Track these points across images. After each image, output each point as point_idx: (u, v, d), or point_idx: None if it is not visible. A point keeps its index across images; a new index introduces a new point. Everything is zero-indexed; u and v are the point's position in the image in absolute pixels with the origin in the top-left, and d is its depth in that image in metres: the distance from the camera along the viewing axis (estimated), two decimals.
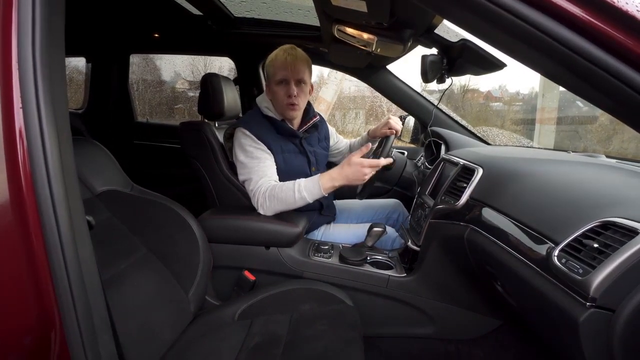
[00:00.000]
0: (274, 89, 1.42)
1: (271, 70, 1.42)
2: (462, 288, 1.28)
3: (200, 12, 1.83)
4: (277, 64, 1.40)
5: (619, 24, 0.45)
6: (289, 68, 1.38)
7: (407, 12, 1.11)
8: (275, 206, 1.32)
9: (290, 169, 1.43)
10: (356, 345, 0.97)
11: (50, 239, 0.56)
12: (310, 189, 1.29)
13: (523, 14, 0.49)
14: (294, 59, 1.39)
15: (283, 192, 1.30)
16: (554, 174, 0.95)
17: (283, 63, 1.38)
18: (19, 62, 0.52)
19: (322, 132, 1.62)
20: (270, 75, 1.42)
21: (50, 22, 0.55)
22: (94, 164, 1.09)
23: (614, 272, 0.57)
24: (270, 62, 1.43)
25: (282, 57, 1.39)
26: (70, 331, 0.57)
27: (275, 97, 1.42)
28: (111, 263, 0.95)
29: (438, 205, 1.23)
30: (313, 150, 1.53)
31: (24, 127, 0.54)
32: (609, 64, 0.46)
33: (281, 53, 1.41)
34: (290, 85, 1.39)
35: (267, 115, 1.45)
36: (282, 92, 1.40)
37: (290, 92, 1.39)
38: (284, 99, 1.40)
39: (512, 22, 0.49)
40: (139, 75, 5.25)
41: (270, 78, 1.43)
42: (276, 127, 1.44)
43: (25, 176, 0.54)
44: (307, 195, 1.29)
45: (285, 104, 1.41)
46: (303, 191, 1.29)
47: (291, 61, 1.38)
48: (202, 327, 1.09)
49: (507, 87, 7.17)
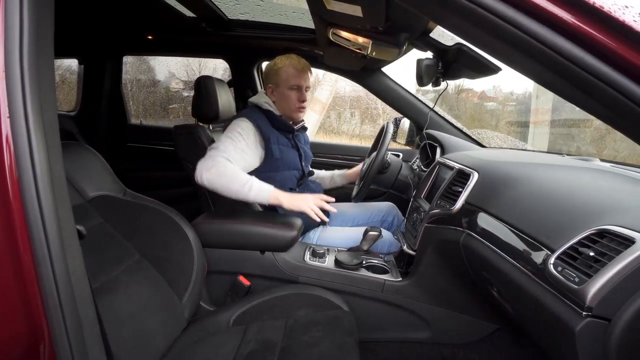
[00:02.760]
0: (285, 92, 1.51)
1: (284, 75, 1.50)
2: (458, 293, 1.28)
3: (193, 14, 1.81)
4: (292, 71, 1.49)
5: (615, 34, 0.45)
6: (303, 76, 1.51)
7: (402, 16, 1.11)
8: (216, 183, 1.30)
9: (284, 157, 1.49)
10: (352, 351, 0.97)
11: (39, 251, 0.54)
12: (260, 191, 1.32)
13: (519, 23, 0.48)
14: (306, 67, 1.53)
15: (232, 176, 1.30)
16: (550, 179, 0.95)
17: (298, 70, 1.50)
18: (5, 70, 0.51)
19: (305, 137, 1.73)
20: (282, 79, 1.50)
21: (39, 28, 0.54)
22: (86, 169, 1.08)
23: (610, 281, 0.57)
24: (281, 67, 1.50)
25: (296, 65, 1.50)
26: (59, 345, 0.56)
27: (286, 100, 1.52)
28: (103, 270, 0.94)
29: (433, 209, 1.23)
30: (302, 147, 1.61)
31: (10, 135, 0.53)
32: (606, 74, 0.46)
33: (294, 61, 1.51)
34: (302, 91, 1.52)
35: (266, 109, 1.51)
36: (295, 96, 1.51)
37: (303, 97, 1.52)
38: (295, 103, 1.52)
39: (507, 31, 0.49)
40: (132, 75, 5.21)
41: (282, 83, 1.50)
42: (273, 120, 1.49)
43: (13, 186, 0.53)
44: (254, 194, 1.30)
45: (297, 107, 1.53)
46: (253, 188, 1.30)
47: (305, 69, 1.52)
48: (196, 334, 1.08)
49: (501, 87, 7.22)
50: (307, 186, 1.61)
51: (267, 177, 1.44)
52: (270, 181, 1.44)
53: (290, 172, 1.53)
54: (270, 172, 1.46)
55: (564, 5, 0.46)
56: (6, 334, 0.56)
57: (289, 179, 1.52)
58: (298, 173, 1.57)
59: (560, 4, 0.46)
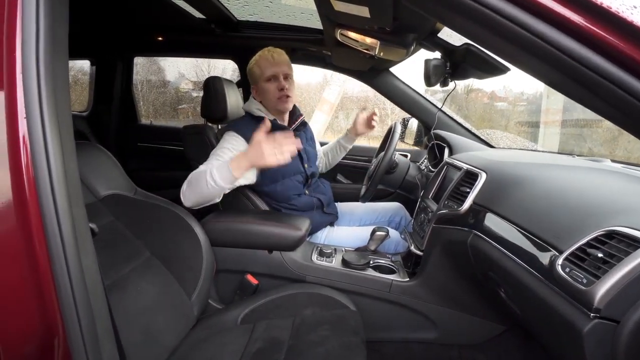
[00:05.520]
0: (264, 87, 1.47)
1: (257, 70, 1.47)
2: (466, 293, 1.27)
3: (203, 16, 1.83)
4: (264, 63, 1.46)
5: (623, 34, 0.44)
6: (276, 64, 1.46)
7: (409, 16, 1.11)
8: (191, 195, 1.22)
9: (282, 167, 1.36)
10: (358, 350, 0.97)
11: (53, 247, 0.56)
12: (222, 172, 1.19)
13: (525, 23, 0.48)
14: (278, 55, 1.48)
15: (196, 178, 1.22)
16: (559, 180, 0.94)
17: (269, 61, 1.46)
18: (23, 72, 0.52)
19: (308, 132, 1.67)
20: (258, 75, 1.48)
21: (54, 32, 0.56)
22: (98, 169, 1.10)
23: (619, 282, 0.56)
24: (254, 64, 1.49)
25: (267, 56, 1.47)
26: (73, 339, 0.57)
27: (267, 94, 1.47)
28: (114, 267, 0.96)
29: (441, 209, 1.23)
30: (303, 148, 1.54)
31: (27, 135, 0.54)
32: (613, 74, 0.46)
33: (264, 53, 1.49)
34: (280, 79, 1.45)
35: (258, 116, 1.47)
36: (273, 87, 1.46)
37: (282, 85, 1.45)
38: (275, 93, 1.46)
39: (514, 31, 0.49)
40: (143, 76, 5.27)
41: (259, 78, 1.48)
42: None
43: (29, 184, 0.55)
44: (219, 178, 1.18)
45: (278, 97, 1.46)
46: (215, 174, 1.18)
47: (277, 58, 1.47)
48: (204, 331, 1.09)
49: (511, 87, 7.12)
50: (315, 187, 1.60)
51: (268, 190, 1.44)
52: (273, 194, 1.45)
53: (291, 179, 1.48)
54: (269, 185, 1.43)
55: (571, 5, 0.46)
56: (22, 328, 0.58)
57: (292, 186, 1.48)
58: (301, 177, 1.52)
59: (568, 5, 0.46)
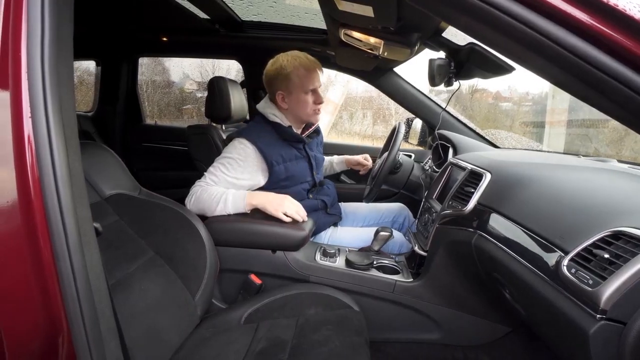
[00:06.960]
0: (302, 98, 1.37)
1: (296, 80, 1.35)
2: (470, 294, 1.27)
3: (207, 16, 1.84)
4: (303, 73, 1.34)
5: (631, 33, 0.44)
6: (316, 76, 1.36)
7: (414, 16, 1.11)
8: (195, 209, 1.29)
9: (292, 175, 1.41)
10: (362, 350, 0.97)
11: (58, 246, 0.56)
12: (237, 204, 1.28)
13: (532, 22, 0.48)
14: (316, 65, 1.37)
15: (206, 199, 1.28)
16: (564, 180, 0.94)
17: (310, 71, 1.35)
18: (28, 72, 0.53)
19: (319, 137, 1.63)
20: (295, 85, 1.35)
21: (59, 32, 0.56)
22: (102, 168, 1.11)
23: (625, 284, 0.56)
24: (292, 70, 1.35)
25: (307, 65, 1.35)
26: (77, 338, 0.58)
27: (302, 105, 1.38)
28: (118, 267, 0.96)
29: (445, 210, 1.22)
30: (314, 155, 1.52)
31: (32, 135, 0.55)
32: (621, 73, 0.45)
33: (304, 61, 1.36)
34: (318, 93, 1.38)
35: (273, 121, 1.41)
36: (311, 100, 1.38)
37: (319, 100, 1.38)
38: (312, 107, 1.39)
39: (520, 30, 0.49)
40: (148, 76, 5.30)
41: (295, 88, 1.36)
42: (281, 133, 1.40)
43: (34, 183, 0.55)
44: (232, 208, 1.28)
45: (314, 110, 1.40)
46: (229, 204, 1.27)
47: (316, 67, 1.37)
48: (208, 331, 1.10)
49: (516, 87, 7.08)
50: (319, 190, 1.59)
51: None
52: None
53: (298, 186, 1.46)
54: (275, 189, 1.41)
55: (577, 4, 0.46)
56: (27, 326, 0.58)
57: (297, 192, 1.45)
58: (308, 185, 1.50)
59: (574, 3, 0.46)
